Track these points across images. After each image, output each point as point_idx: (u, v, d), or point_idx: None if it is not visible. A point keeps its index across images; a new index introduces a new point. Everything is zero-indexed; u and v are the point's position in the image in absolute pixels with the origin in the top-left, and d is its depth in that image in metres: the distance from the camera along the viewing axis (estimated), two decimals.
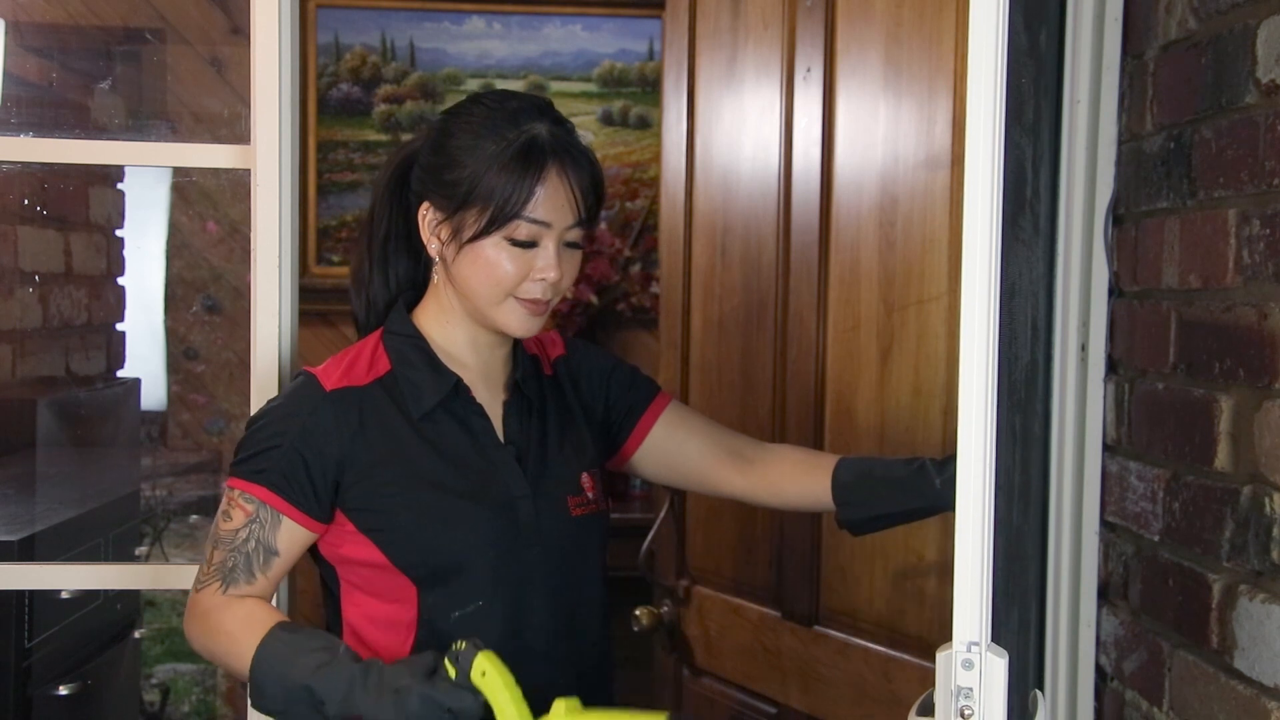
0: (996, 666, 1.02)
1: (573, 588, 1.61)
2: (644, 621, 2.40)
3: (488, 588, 1.54)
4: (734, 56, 2.25)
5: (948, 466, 1.56)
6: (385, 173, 1.65)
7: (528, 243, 1.51)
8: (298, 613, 1.90)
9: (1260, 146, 1.27)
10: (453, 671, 1.37)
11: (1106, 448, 1.61)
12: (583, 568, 1.62)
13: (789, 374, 2.13)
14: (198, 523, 3.56)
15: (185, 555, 3.39)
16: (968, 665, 1.01)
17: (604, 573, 1.67)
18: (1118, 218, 1.59)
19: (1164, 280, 1.47)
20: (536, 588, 1.57)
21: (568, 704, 1.40)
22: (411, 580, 1.53)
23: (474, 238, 1.51)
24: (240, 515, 1.51)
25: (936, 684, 1.02)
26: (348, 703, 1.38)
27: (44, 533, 2.50)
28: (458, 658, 1.37)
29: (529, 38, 3.92)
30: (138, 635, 3.10)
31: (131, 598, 3.05)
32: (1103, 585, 1.62)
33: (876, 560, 1.97)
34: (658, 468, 1.76)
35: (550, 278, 1.52)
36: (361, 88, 3.90)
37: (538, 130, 1.52)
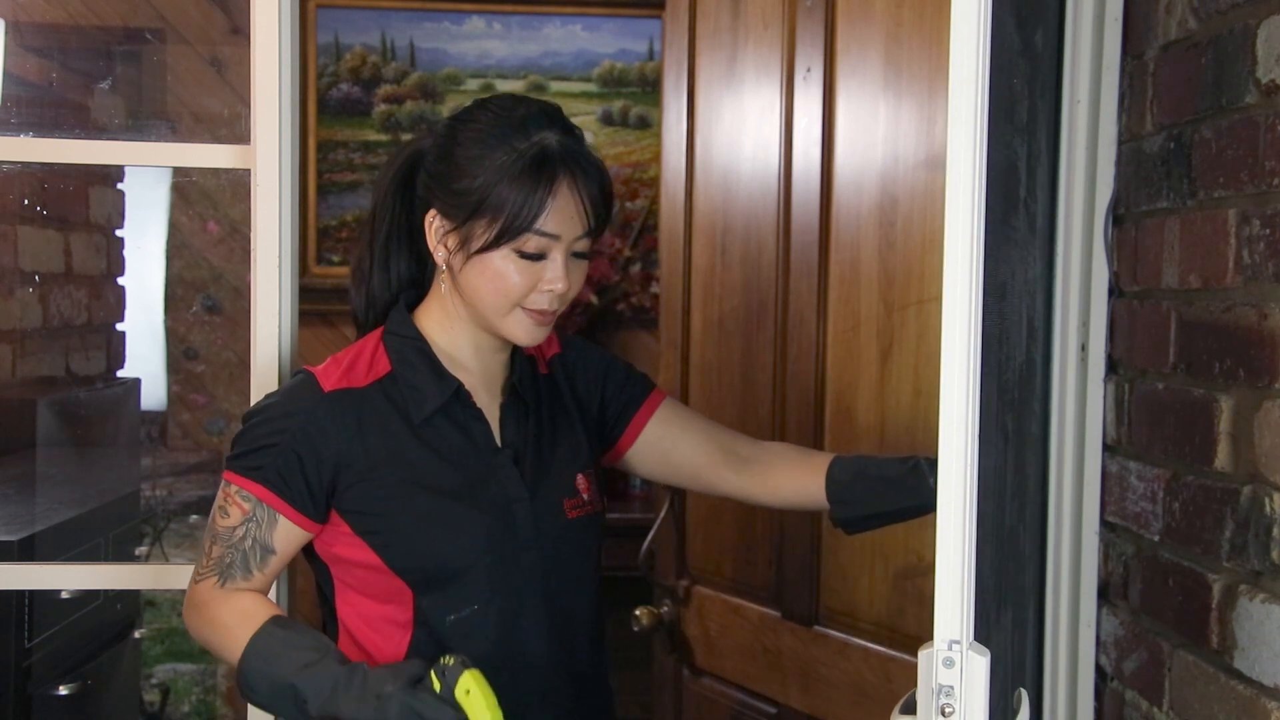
0: (977, 665, 1.02)
1: (568, 589, 1.61)
2: (644, 621, 2.40)
3: (484, 592, 1.54)
4: (734, 56, 2.25)
5: None
6: (389, 171, 1.63)
7: (536, 255, 1.50)
8: (297, 612, 1.90)
9: (1260, 146, 1.27)
10: (437, 684, 1.37)
11: (1106, 448, 1.61)
12: (578, 569, 1.62)
13: (789, 374, 2.13)
14: (198, 523, 3.55)
15: (185, 555, 3.38)
16: (949, 663, 1.01)
17: (598, 573, 1.67)
18: (1118, 218, 1.59)
19: (1164, 280, 1.47)
20: (532, 591, 1.57)
21: None
22: (407, 584, 1.53)
23: (482, 250, 1.50)
24: (237, 513, 1.51)
25: (919, 682, 1.02)
26: (330, 703, 1.38)
27: (44, 533, 2.50)
28: (444, 672, 1.37)
29: (529, 38, 3.92)
30: (138, 635, 3.10)
31: (131, 598, 3.04)
32: (1103, 585, 1.62)
33: (876, 560, 1.97)
34: (652, 465, 1.75)
35: (558, 289, 1.52)
36: (361, 88, 3.90)
37: (548, 141, 1.50)
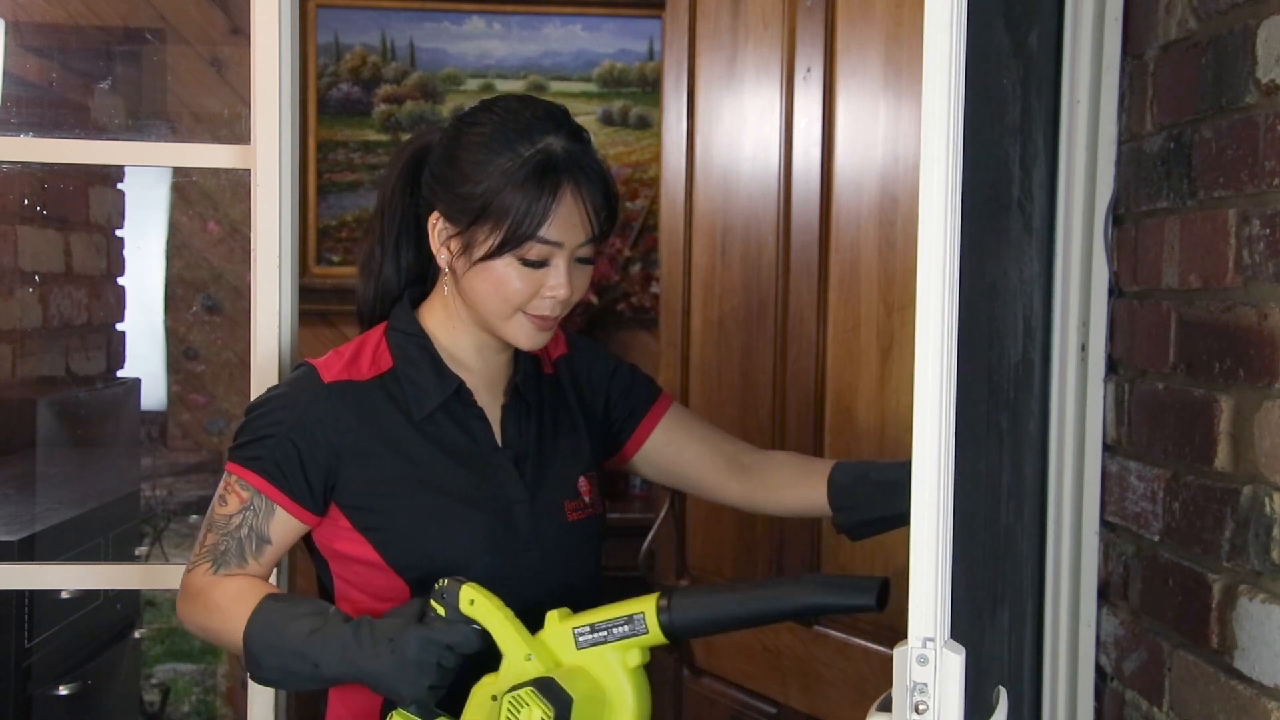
0: (952, 662, 1.01)
1: (568, 592, 1.60)
2: None
3: None
4: (734, 56, 2.25)
5: None
6: (396, 165, 1.62)
7: (539, 262, 1.49)
8: None
9: (1260, 146, 1.27)
10: (441, 610, 1.39)
11: (1106, 448, 1.61)
12: (578, 571, 1.62)
13: (789, 374, 2.13)
14: (198, 523, 3.52)
15: (185, 555, 3.36)
16: (922, 661, 1.01)
17: (598, 575, 1.67)
18: (1118, 218, 1.59)
19: (1164, 280, 1.47)
20: (532, 592, 1.56)
21: (560, 613, 1.41)
22: (406, 582, 1.52)
23: (485, 257, 1.49)
24: (235, 501, 1.51)
25: (894, 679, 1.02)
26: (344, 663, 1.39)
27: (44, 533, 2.50)
28: (443, 595, 1.39)
29: (529, 38, 3.92)
30: (138, 635, 3.10)
31: (131, 598, 3.04)
32: (1103, 585, 1.62)
33: (877, 560, 1.97)
34: (655, 470, 1.75)
35: (561, 295, 1.51)
36: (361, 88, 3.90)
37: (553, 146, 1.48)
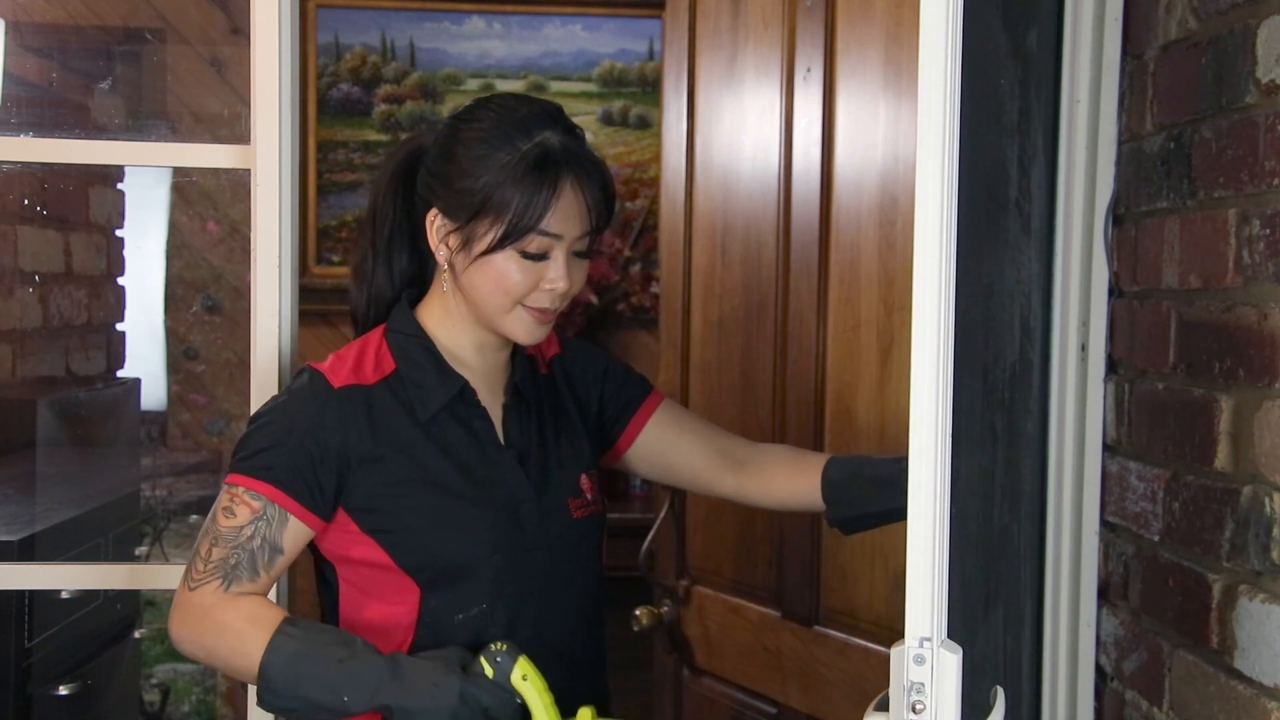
0: (949, 662, 1.01)
1: (573, 589, 1.61)
2: (644, 621, 2.40)
3: (491, 591, 1.54)
4: (734, 56, 2.25)
5: None
6: (388, 168, 1.63)
7: (538, 255, 1.51)
8: (296, 612, 1.90)
9: (1260, 146, 1.27)
10: (490, 671, 1.38)
11: (1106, 448, 1.61)
12: (583, 569, 1.63)
13: (789, 374, 2.13)
14: (198, 523, 3.54)
15: (185, 555, 3.36)
16: (919, 660, 1.01)
17: (601, 572, 1.68)
18: (1118, 218, 1.59)
19: (1164, 280, 1.47)
20: (538, 590, 1.57)
21: (591, 711, 1.43)
22: (416, 582, 1.52)
23: (486, 251, 1.50)
24: (246, 512, 1.48)
25: (890, 679, 1.02)
26: (375, 695, 1.39)
27: (44, 533, 2.50)
28: (497, 658, 1.39)
29: (529, 38, 3.92)
30: (138, 635, 3.10)
31: (131, 598, 3.04)
32: (1103, 585, 1.62)
33: (876, 560, 1.97)
34: (650, 466, 1.76)
35: (559, 288, 1.52)
36: (361, 88, 3.90)
37: (551, 140, 1.50)
